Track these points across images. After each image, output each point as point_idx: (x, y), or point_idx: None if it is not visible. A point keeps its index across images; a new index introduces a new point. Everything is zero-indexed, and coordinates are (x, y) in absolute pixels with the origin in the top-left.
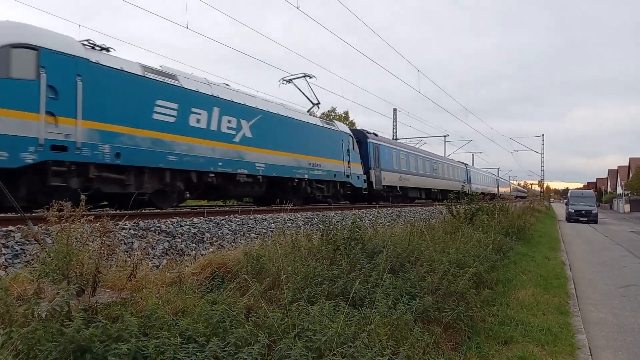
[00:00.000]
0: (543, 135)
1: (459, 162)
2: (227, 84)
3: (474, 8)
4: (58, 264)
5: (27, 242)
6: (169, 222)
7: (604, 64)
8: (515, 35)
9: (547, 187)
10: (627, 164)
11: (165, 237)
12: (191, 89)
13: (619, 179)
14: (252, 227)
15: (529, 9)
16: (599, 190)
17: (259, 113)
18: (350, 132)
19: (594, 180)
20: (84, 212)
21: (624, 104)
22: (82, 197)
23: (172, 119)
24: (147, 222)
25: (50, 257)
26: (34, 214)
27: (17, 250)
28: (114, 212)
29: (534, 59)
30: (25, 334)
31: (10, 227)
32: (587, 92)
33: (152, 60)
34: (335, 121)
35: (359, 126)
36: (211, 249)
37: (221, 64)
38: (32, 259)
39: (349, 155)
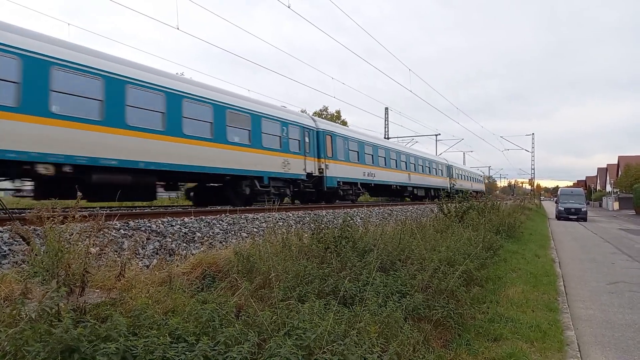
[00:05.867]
0: (533, 134)
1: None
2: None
3: (464, 7)
4: (47, 263)
5: (15, 242)
6: (160, 222)
7: (592, 62)
8: (504, 33)
9: (538, 185)
10: (616, 162)
11: (155, 236)
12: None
13: (608, 177)
14: (244, 226)
15: (518, 7)
16: (589, 188)
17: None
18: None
19: (584, 179)
20: (75, 211)
21: (612, 103)
22: (79, 194)
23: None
24: (138, 222)
25: (39, 257)
26: (22, 214)
27: (5, 251)
28: (105, 211)
29: (524, 57)
30: (12, 334)
31: None
32: (575, 90)
33: (144, 59)
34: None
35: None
36: (202, 249)
37: (213, 64)
38: (20, 260)
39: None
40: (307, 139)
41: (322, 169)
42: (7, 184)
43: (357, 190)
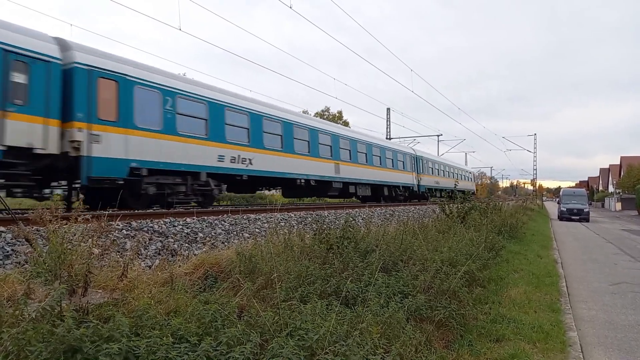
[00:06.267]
0: (535, 134)
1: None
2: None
3: (464, 7)
4: (50, 264)
5: (18, 242)
6: (162, 223)
7: (593, 63)
8: (505, 33)
9: (540, 185)
10: (619, 163)
11: (158, 237)
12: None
13: (610, 178)
14: (246, 227)
15: (518, 7)
16: (591, 189)
17: None
18: None
19: (586, 179)
20: (79, 213)
21: (614, 104)
22: (80, 196)
23: None
24: (140, 223)
25: (41, 258)
26: (24, 215)
27: (7, 251)
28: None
29: (525, 57)
30: (15, 334)
31: (1, 228)
32: (578, 92)
33: (145, 58)
34: None
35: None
36: (204, 249)
37: (213, 64)
38: (23, 261)
39: None
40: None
41: (80, 142)
42: None
43: (200, 187)
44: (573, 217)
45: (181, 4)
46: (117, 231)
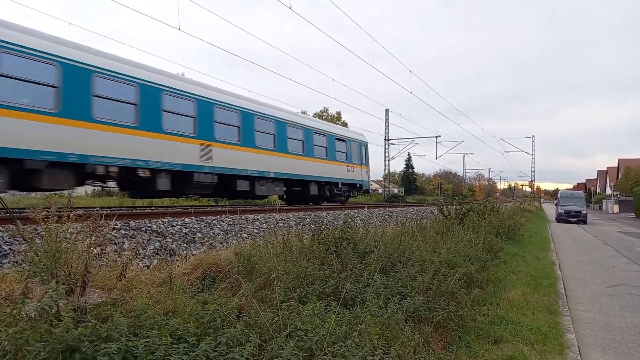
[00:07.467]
0: (534, 136)
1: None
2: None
3: (464, 7)
4: (46, 263)
5: (15, 241)
6: (160, 222)
7: (593, 63)
8: (505, 33)
9: (538, 187)
10: (616, 165)
11: (156, 237)
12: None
13: (608, 180)
14: (244, 227)
15: (518, 7)
16: (589, 191)
17: None
18: None
19: (584, 181)
20: (68, 210)
21: (614, 104)
22: (70, 192)
23: None
24: (138, 222)
25: (38, 257)
26: (22, 214)
27: (5, 250)
28: (105, 210)
29: (524, 57)
30: (13, 334)
31: None
32: (577, 92)
33: (144, 58)
34: None
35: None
36: (202, 249)
37: (213, 64)
38: (21, 260)
39: None
40: None
41: None
42: None
43: None
44: (571, 219)
45: (180, 3)
46: (115, 231)
